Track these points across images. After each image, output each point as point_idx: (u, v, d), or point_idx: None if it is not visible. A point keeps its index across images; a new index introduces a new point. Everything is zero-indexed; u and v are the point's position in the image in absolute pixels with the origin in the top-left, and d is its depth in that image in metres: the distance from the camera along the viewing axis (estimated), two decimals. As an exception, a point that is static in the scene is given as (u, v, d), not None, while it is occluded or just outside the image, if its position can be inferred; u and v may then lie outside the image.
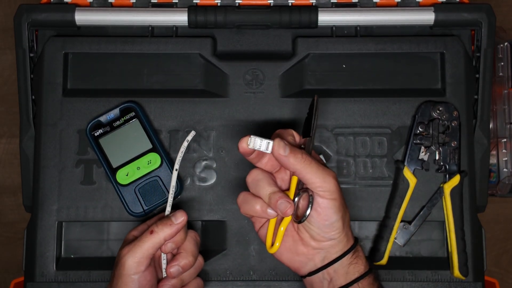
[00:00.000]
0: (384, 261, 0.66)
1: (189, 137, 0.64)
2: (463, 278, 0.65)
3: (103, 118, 0.67)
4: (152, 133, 0.67)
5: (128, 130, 0.67)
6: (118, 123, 0.67)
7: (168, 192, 0.64)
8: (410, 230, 0.67)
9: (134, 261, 0.58)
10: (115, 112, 0.67)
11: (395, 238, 0.67)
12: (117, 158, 0.66)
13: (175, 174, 0.63)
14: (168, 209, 0.62)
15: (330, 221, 0.55)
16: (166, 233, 0.59)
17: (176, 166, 0.63)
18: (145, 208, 0.66)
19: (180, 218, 0.59)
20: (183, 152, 0.64)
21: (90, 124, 0.67)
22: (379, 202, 0.68)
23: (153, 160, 0.66)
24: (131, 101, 0.68)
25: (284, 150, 0.54)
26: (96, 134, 0.67)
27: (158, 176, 0.66)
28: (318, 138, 0.68)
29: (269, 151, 0.54)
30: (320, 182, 0.55)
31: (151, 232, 0.59)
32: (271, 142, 0.54)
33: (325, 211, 0.55)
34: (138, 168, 0.66)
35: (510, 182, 0.78)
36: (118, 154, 0.66)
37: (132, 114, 0.67)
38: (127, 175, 0.66)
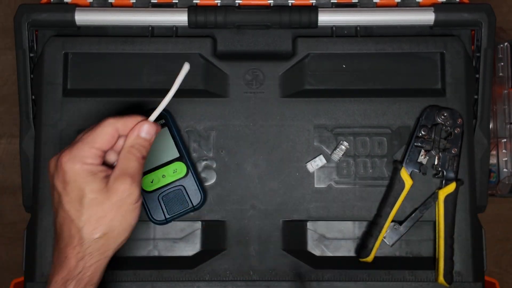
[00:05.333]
0: (370, 258, 0.66)
1: (185, 69, 0.59)
2: (447, 285, 0.65)
3: None
4: (180, 142, 0.66)
5: (157, 137, 0.62)
6: None
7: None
8: (400, 231, 0.67)
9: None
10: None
11: (384, 237, 0.67)
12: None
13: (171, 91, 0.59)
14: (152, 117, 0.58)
15: None
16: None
17: (173, 91, 0.59)
18: (167, 216, 0.66)
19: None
20: (179, 84, 0.59)
21: None
22: (379, 202, 0.68)
23: (179, 170, 0.66)
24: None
25: None
26: None
27: (182, 186, 0.66)
28: (318, 138, 0.69)
29: None
30: None
31: None
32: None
33: None
34: (164, 176, 0.65)
35: (510, 182, 0.78)
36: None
37: (162, 121, 0.66)
38: (152, 182, 0.65)
